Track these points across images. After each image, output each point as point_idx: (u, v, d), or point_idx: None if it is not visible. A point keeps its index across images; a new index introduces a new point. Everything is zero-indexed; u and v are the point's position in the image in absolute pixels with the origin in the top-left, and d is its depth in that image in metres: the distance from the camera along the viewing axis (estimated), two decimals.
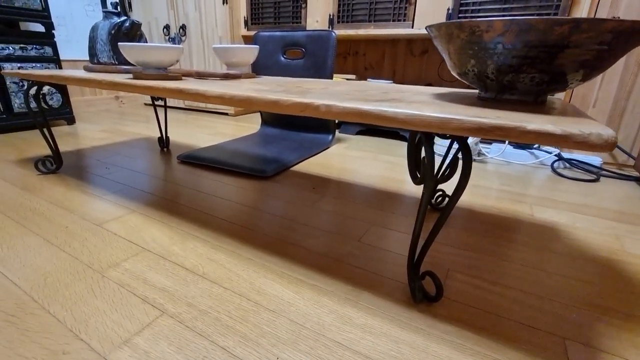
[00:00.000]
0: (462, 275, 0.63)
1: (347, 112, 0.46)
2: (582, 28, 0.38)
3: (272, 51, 1.59)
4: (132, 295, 0.56)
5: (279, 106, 0.53)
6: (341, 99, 0.52)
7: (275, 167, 1.18)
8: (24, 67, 1.69)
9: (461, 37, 0.47)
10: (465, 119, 0.39)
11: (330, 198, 0.98)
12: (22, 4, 1.64)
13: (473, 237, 0.78)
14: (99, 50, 1.02)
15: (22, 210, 0.85)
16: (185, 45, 2.35)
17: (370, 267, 0.65)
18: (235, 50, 0.94)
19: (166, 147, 1.47)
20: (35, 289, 0.57)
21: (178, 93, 0.64)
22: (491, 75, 0.49)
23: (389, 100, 0.52)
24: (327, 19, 1.89)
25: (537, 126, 0.36)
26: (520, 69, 0.45)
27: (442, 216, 0.50)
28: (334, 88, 0.72)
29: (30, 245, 0.70)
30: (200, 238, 0.74)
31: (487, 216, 0.89)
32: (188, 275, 0.61)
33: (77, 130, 1.78)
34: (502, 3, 1.43)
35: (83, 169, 1.17)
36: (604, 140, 0.33)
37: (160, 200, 0.93)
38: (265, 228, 0.79)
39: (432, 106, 0.46)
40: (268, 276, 0.62)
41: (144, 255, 0.67)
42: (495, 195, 1.03)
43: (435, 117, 0.40)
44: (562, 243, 0.76)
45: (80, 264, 0.64)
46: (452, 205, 0.47)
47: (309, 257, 0.68)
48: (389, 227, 0.82)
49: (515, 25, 0.41)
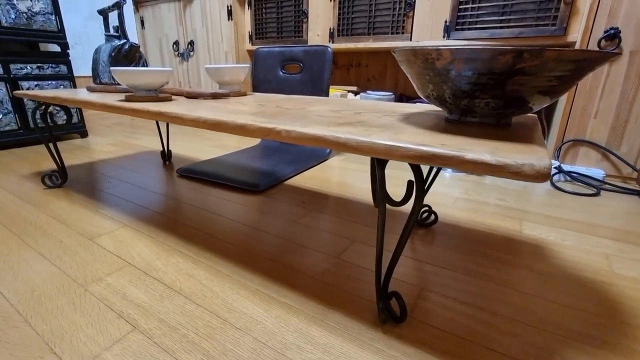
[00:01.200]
0: (435, 295, 0.63)
1: (304, 137, 0.48)
2: (524, 57, 0.39)
3: (271, 66, 1.63)
4: (109, 310, 0.58)
5: (245, 130, 0.55)
6: (307, 122, 0.54)
7: (268, 181, 1.21)
8: (40, 85, 1.80)
9: (417, 64, 0.48)
10: (409, 147, 0.40)
11: (318, 213, 0.99)
12: (39, 26, 1.75)
13: (454, 255, 0.77)
14: (100, 71, 1.08)
15: (23, 224, 0.90)
16: (193, 60, 2.44)
17: (344, 285, 0.66)
18: (225, 70, 0.97)
19: (168, 161, 1.52)
20: (21, 302, 0.60)
21: (159, 115, 0.68)
22: (449, 100, 0.49)
23: (353, 124, 0.53)
24: (327, 33, 1.92)
25: (475, 156, 0.36)
26: (474, 95, 0.46)
27: (401, 239, 0.50)
28: (312, 107, 0.74)
29: (25, 259, 0.74)
30: (183, 253, 0.77)
31: (473, 232, 0.88)
32: (165, 291, 0.63)
33: (89, 144, 1.86)
34: (499, 15, 1.42)
35: (87, 183, 1.23)
36: (536, 171, 0.33)
37: (153, 215, 0.97)
38: (248, 243, 0.81)
39: (388, 131, 0.47)
40: (241, 293, 0.63)
41: (128, 270, 0.70)
42: (487, 210, 1.01)
43: (382, 144, 0.41)
44: (547, 262, 0.75)
45: (66, 278, 0.67)
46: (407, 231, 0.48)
47: (285, 273, 0.70)
48: (372, 243, 0.82)
49: (462, 54, 0.42)
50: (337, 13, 1.86)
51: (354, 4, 1.80)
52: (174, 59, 2.55)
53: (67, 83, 1.90)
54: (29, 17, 1.69)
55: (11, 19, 1.64)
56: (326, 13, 1.90)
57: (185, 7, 2.34)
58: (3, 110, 1.68)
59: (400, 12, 1.68)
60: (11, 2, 1.62)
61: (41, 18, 1.74)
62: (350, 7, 1.81)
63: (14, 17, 1.65)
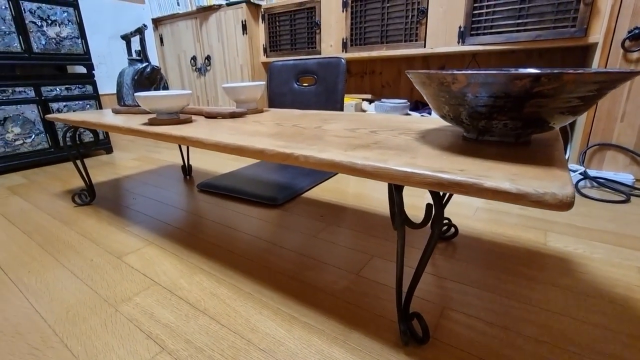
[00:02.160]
0: (458, 314, 0.62)
1: (322, 163, 0.49)
2: (542, 81, 0.38)
3: (286, 79, 1.66)
4: (138, 330, 0.61)
5: (264, 155, 0.56)
6: (324, 144, 0.55)
7: (286, 194, 1.22)
8: (69, 106, 1.89)
9: (432, 86, 0.49)
10: (426, 174, 0.40)
11: (336, 227, 0.99)
12: (67, 50, 1.84)
13: (476, 270, 0.76)
14: (124, 94, 1.13)
15: (57, 242, 0.95)
16: (210, 74, 2.51)
17: (365, 304, 0.66)
18: (242, 89, 1.00)
19: (189, 175, 1.57)
20: (57, 323, 0.63)
21: (182, 140, 0.70)
22: (466, 121, 0.49)
23: (369, 146, 0.54)
24: (340, 43, 1.94)
25: (494, 184, 0.36)
26: (491, 116, 0.46)
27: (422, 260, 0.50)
28: (328, 126, 0.75)
29: (59, 278, 0.78)
30: (206, 271, 0.79)
31: (495, 245, 0.86)
32: (190, 311, 0.65)
33: (114, 159, 1.94)
34: (515, 19, 1.40)
35: (113, 200, 1.28)
36: (559, 200, 0.33)
37: (176, 231, 1.00)
38: (268, 260, 0.83)
39: (405, 154, 0.48)
40: (264, 312, 0.64)
41: (154, 289, 0.73)
42: (509, 221, 0.99)
43: (399, 171, 0.42)
44: (574, 277, 0.72)
45: (98, 298, 0.70)
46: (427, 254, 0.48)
47: (305, 292, 0.70)
48: (391, 258, 0.82)
49: (477, 79, 0.42)
50: (349, 23, 1.87)
51: (366, 13, 1.81)
52: (192, 73, 2.63)
53: (93, 102, 1.99)
54: (57, 42, 1.79)
55: (42, 44, 1.74)
56: (338, 23, 1.92)
57: (201, 23, 2.41)
58: (35, 131, 1.78)
59: (412, 20, 1.68)
60: (41, 29, 1.73)
61: (69, 42, 1.84)
62: (363, 16, 1.82)
63: (44, 43, 1.75)
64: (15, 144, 1.71)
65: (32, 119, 1.76)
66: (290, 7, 2.06)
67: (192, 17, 2.44)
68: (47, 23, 1.74)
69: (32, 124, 1.77)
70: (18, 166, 1.75)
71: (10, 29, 1.62)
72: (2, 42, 1.61)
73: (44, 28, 1.73)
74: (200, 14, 2.39)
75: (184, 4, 2.44)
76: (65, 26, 1.81)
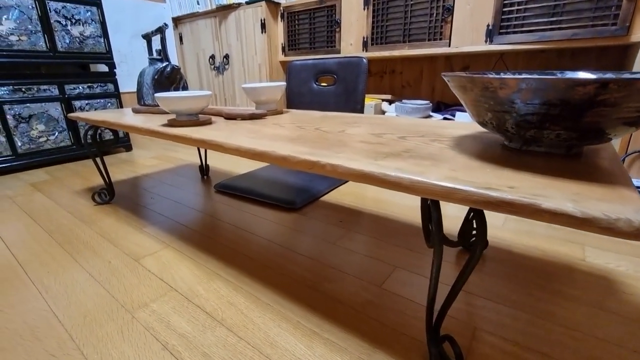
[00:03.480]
0: (491, 337, 0.58)
1: (351, 173, 0.45)
2: (610, 88, 0.34)
3: (305, 79, 1.63)
4: (155, 340, 0.59)
5: (288, 162, 0.53)
6: (350, 151, 0.52)
7: (304, 198, 1.19)
8: (91, 103, 1.92)
9: (475, 91, 0.44)
10: (472, 190, 0.36)
11: (356, 234, 0.96)
12: (90, 48, 1.87)
13: (508, 286, 0.71)
14: (144, 93, 1.13)
15: (76, 242, 0.95)
16: (228, 73, 2.51)
17: (389, 320, 0.62)
18: (262, 90, 0.97)
19: (206, 175, 1.56)
20: (75, 328, 0.62)
21: (202, 143, 0.68)
22: (511, 130, 0.45)
23: (400, 155, 0.50)
24: (360, 42, 1.89)
25: (554, 205, 0.32)
26: (542, 126, 0.41)
27: (457, 283, 0.46)
28: (351, 130, 0.71)
29: (78, 280, 0.77)
30: (223, 277, 0.77)
31: (528, 259, 0.80)
32: (207, 320, 0.63)
33: (133, 157, 1.96)
34: (549, 16, 1.32)
35: (132, 199, 1.28)
36: (635, 229, 0.28)
37: (193, 234, 0.98)
38: (287, 267, 0.80)
39: (442, 165, 0.44)
40: (283, 326, 0.62)
41: (171, 295, 0.71)
42: (541, 233, 0.93)
43: (440, 186, 0.38)
44: (619, 299, 0.66)
45: (115, 302, 0.69)
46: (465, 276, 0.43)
47: (326, 304, 0.67)
48: (415, 270, 0.77)
49: (531, 84, 0.37)
50: (370, 21, 1.82)
51: (388, 11, 1.75)
52: (210, 72, 2.63)
53: (114, 100, 2.01)
54: (81, 41, 1.82)
55: (66, 43, 1.77)
56: (359, 22, 1.87)
57: (221, 22, 2.41)
58: (59, 128, 1.81)
59: (437, 18, 1.61)
60: (66, 28, 1.75)
61: (92, 41, 1.86)
62: (385, 14, 1.77)
63: (68, 41, 1.77)
64: (39, 140, 1.75)
65: (56, 116, 1.80)
66: (311, 5, 2.03)
67: (212, 16, 2.44)
68: (72, 22, 1.77)
69: (56, 122, 1.80)
70: (41, 162, 1.79)
71: (36, 28, 1.65)
72: (29, 41, 1.64)
73: (68, 27, 1.76)
74: (220, 13, 2.38)
75: (204, 3, 2.44)
76: (89, 25, 1.84)
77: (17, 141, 1.68)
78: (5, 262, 0.85)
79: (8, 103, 1.63)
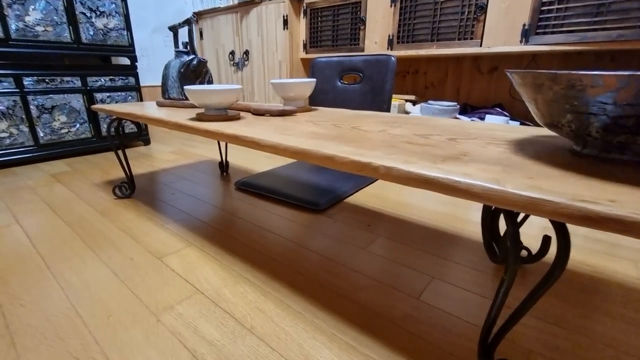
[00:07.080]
0: None
1: (409, 177, 0.41)
2: None
3: (329, 77, 1.59)
4: (183, 347, 0.56)
5: (334, 162, 0.49)
6: (400, 152, 0.47)
7: (328, 199, 1.15)
8: (112, 96, 1.91)
9: (554, 90, 0.39)
10: (565, 202, 0.31)
11: (386, 239, 0.91)
12: (113, 41, 1.86)
13: (559, 305, 0.65)
14: (169, 86, 1.10)
15: (98, 237, 0.93)
16: (247, 69, 2.48)
17: (432, 337, 0.58)
18: (292, 85, 0.93)
19: (226, 172, 1.53)
20: (99, 329, 0.60)
21: (234, 139, 0.64)
22: (594, 134, 0.40)
23: (459, 158, 0.45)
24: (386, 40, 1.84)
25: None
26: (638, 131, 0.36)
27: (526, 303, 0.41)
28: (393, 130, 0.67)
29: (100, 277, 0.75)
30: (250, 281, 0.73)
31: (576, 275, 0.74)
32: (236, 328, 0.60)
33: (151, 151, 1.95)
34: (592, 16, 1.25)
35: (152, 194, 1.26)
36: None
37: (216, 233, 0.95)
38: (316, 273, 0.76)
39: (514, 171, 0.39)
40: (317, 337, 0.58)
41: (197, 298, 0.68)
42: (587, 246, 0.87)
43: (522, 196, 0.33)
44: None
45: (139, 303, 0.66)
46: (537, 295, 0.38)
47: (361, 315, 0.63)
48: (454, 282, 0.72)
49: (636, 82, 0.32)
50: (397, 19, 1.77)
51: (416, 9, 1.70)
52: (229, 68, 2.61)
53: (135, 94, 2.01)
54: (104, 34, 1.81)
55: (90, 35, 1.76)
56: (385, 19, 1.82)
57: (242, 17, 2.39)
58: (80, 120, 1.81)
59: (469, 16, 1.55)
60: (90, 20, 1.75)
61: (115, 34, 1.86)
62: (413, 12, 1.71)
63: (92, 34, 1.77)
64: (61, 132, 1.75)
65: (78, 108, 1.80)
66: (335, 2, 1.98)
67: (233, 11, 2.42)
68: (96, 14, 1.76)
69: (78, 113, 1.80)
70: (63, 154, 1.79)
71: (62, 20, 1.65)
72: (54, 32, 1.64)
73: (92, 19, 1.76)
74: (241, 8, 2.36)
75: None
76: (113, 17, 1.83)
77: (40, 132, 1.68)
78: (28, 254, 0.84)
79: (32, 93, 1.63)
